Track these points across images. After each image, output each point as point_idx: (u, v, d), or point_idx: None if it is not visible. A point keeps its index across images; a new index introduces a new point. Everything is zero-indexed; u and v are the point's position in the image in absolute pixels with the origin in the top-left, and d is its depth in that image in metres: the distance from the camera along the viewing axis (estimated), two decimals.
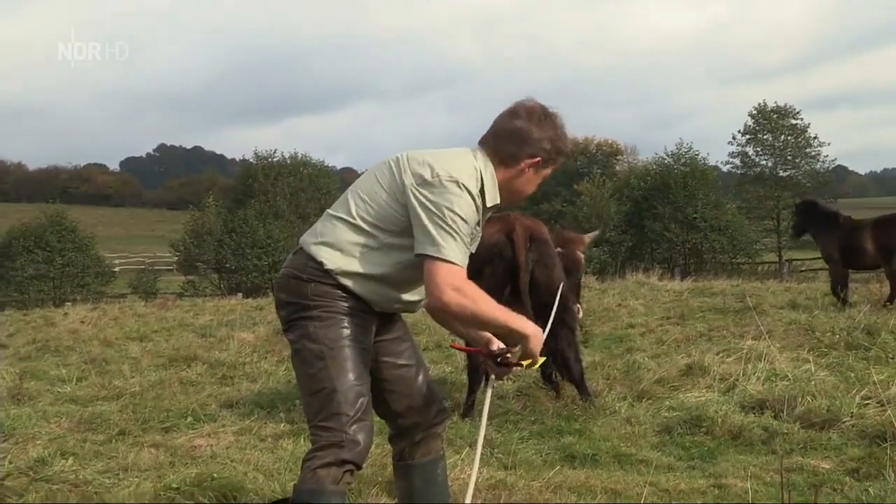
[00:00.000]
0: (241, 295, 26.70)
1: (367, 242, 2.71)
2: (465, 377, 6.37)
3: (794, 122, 48.24)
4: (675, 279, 18.85)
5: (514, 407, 5.90)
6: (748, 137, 48.61)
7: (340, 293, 2.72)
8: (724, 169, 49.47)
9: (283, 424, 5.67)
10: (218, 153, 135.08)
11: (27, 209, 49.16)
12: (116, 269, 44.29)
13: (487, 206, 2.74)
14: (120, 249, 57.08)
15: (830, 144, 56.33)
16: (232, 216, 40.81)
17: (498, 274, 5.63)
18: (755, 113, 48.45)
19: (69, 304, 23.85)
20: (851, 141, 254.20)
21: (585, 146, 56.53)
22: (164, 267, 47.19)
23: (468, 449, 4.52)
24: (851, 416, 4.97)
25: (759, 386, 5.80)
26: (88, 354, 9.37)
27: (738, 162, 49.13)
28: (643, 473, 4.27)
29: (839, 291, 10.65)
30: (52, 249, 37.13)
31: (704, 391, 5.98)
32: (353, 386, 2.69)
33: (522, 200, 2.99)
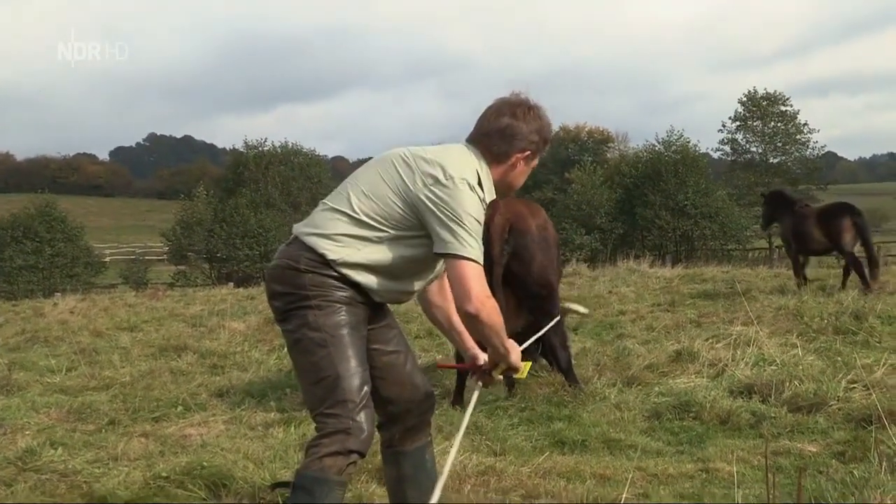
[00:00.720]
0: (232, 284, 26.66)
1: (369, 236, 2.74)
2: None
3: (783, 108, 48.33)
4: (665, 266, 18.87)
5: (503, 394, 5.91)
6: (738, 124, 48.69)
7: (338, 283, 2.74)
8: (714, 156, 49.60)
9: (273, 413, 5.68)
10: (209, 142, 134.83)
11: (16, 199, 48.85)
12: (106, 259, 44.14)
13: (486, 203, 2.80)
14: (110, 240, 56.89)
15: (820, 131, 56.55)
16: (223, 205, 40.72)
17: None
18: (745, 100, 48.52)
19: (59, 294, 23.77)
20: (841, 127, 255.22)
21: (577, 134, 56.54)
22: (154, 257, 47.05)
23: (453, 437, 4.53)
24: (838, 399, 5.01)
25: (747, 371, 5.83)
26: (78, 345, 9.34)
27: (728, 149, 49.24)
28: (632, 458, 4.30)
29: (798, 274, 11.41)
30: (41, 240, 36.94)
31: (693, 377, 6.00)
32: (357, 372, 2.72)
33: (514, 192, 3.08)
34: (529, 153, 2.91)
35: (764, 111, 47.98)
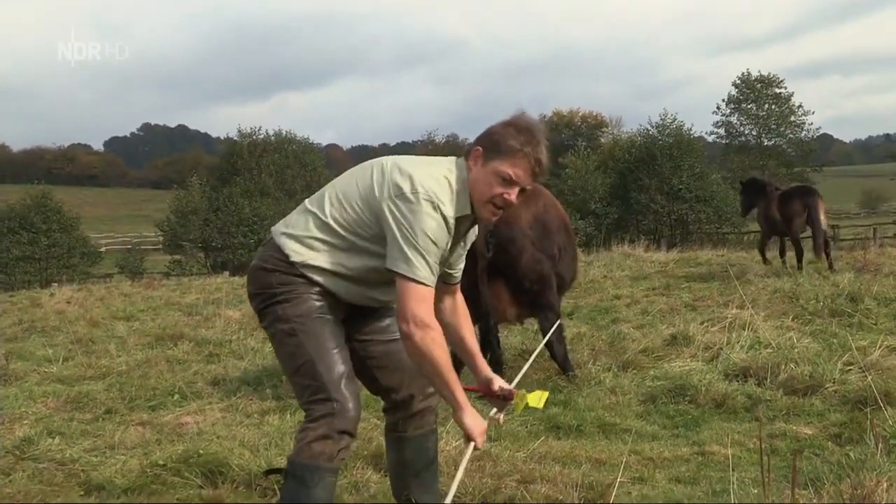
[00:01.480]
0: (227, 273, 26.63)
1: (334, 242, 2.72)
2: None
3: (777, 91, 48.35)
4: (660, 250, 18.90)
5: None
6: (732, 107, 48.69)
7: (305, 280, 2.74)
8: (708, 139, 49.58)
9: (269, 401, 5.68)
10: (202, 131, 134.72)
11: (12, 190, 48.74)
12: (102, 249, 44.08)
13: (456, 217, 2.67)
14: (105, 230, 56.81)
15: (815, 113, 56.58)
16: (217, 194, 40.64)
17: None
18: (739, 83, 48.49)
19: (55, 284, 23.72)
20: (837, 108, 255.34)
21: (570, 118, 56.50)
22: (150, 247, 46.97)
23: (452, 421, 4.54)
24: (834, 382, 5.02)
25: (742, 354, 5.83)
26: (75, 334, 9.33)
27: (722, 132, 49.28)
28: (627, 442, 4.31)
29: (767, 253, 12.32)
30: (37, 231, 36.88)
31: (689, 360, 6.01)
32: (332, 354, 2.72)
33: (483, 204, 2.71)
34: (481, 150, 2.70)
35: (758, 94, 48.02)
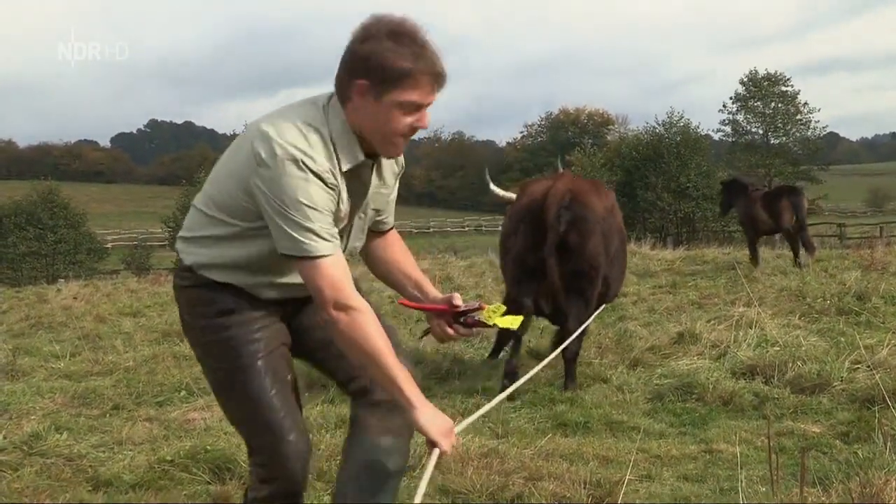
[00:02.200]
0: None
1: (220, 233, 2.33)
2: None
3: (784, 89, 48.23)
4: (667, 248, 18.88)
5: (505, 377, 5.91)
6: (739, 105, 48.58)
7: (213, 293, 2.36)
8: (715, 137, 49.51)
9: None
10: (209, 128, 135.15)
11: (19, 186, 48.86)
12: (109, 245, 44.24)
13: (344, 170, 2.22)
14: (112, 226, 56.92)
15: (821, 111, 56.46)
16: None
17: (527, 233, 5.40)
18: (746, 80, 48.38)
19: (62, 280, 23.79)
20: (844, 107, 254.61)
21: (577, 116, 56.43)
22: (156, 243, 47.05)
23: (459, 418, 4.54)
24: (841, 380, 5.02)
25: (749, 352, 5.82)
26: (82, 330, 9.35)
27: (729, 130, 49.15)
28: (634, 440, 4.30)
29: (753, 253, 12.44)
30: (43, 227, 37.02)
31: (696, 358, 6.01)
32: (269, 398, 2.35)
33: (391, 141, 2.23)
34: (366, 83, 2.14)
35: (765, 91, 47.87)
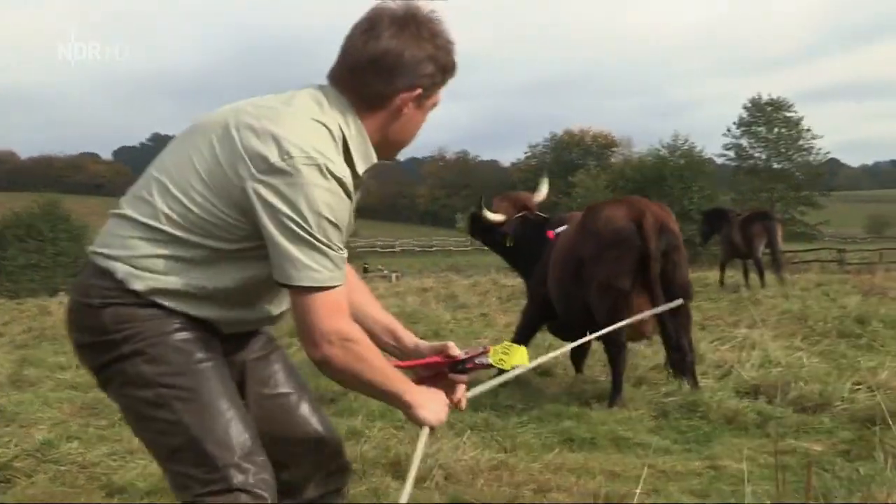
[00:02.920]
0: None
1: (188, 255, 1.90)
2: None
3: (787, 114, 48.51)
4: None
5: (513, 392, 5.96)
6: (742, 130, 48.84)
7: (153, 311, 1.92)
8: (718, 161, 49.71)
9: None
10: None
11: (19, 198, 48.90)
12: None
13: (360, 174, 1.94)
14: None
15: (824, 137, 56.74)
16: None
17: (624, 261, 5.45)
18: (749, 105, 48.66)
19: (63, 293, 23.80)
20: (844, 133, 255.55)
21: (581, 138, 56.64)
22: None
23: (469, 432, 4.60)
24: (843, 400, 5.09)
25: (752, 372, 5.90)
26: None
27: (732, 154, 49.37)
28: (640, 456, 4.36)
29: (722, 273, 13.39)
30: (43, 239, 37.00)
31: (700, 378, 6.06)
32: (226, 420, 1.91)
33: (405, 144, 2.07)
34: (421, 91, 1.93)
35: (768, 117, 48.13)
